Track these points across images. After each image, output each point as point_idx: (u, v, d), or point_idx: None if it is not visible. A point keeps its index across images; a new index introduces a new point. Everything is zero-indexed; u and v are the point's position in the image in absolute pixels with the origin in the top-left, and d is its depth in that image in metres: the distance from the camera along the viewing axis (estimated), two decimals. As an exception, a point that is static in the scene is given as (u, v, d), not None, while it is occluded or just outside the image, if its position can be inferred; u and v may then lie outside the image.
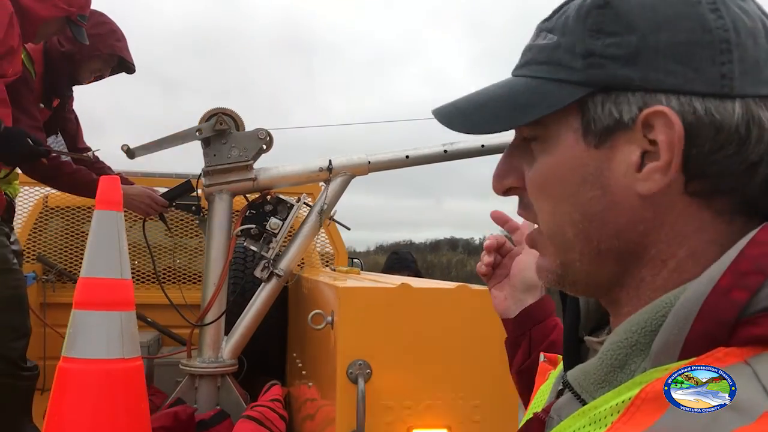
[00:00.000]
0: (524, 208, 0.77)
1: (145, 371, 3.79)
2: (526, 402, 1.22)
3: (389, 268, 5.30)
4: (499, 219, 1.31)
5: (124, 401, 1.96)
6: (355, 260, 5.90)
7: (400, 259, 5.43)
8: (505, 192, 0.77)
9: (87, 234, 2.44)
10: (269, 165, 3.13)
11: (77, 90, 3.46)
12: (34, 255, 4.25)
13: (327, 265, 4.84)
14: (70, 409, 1.92)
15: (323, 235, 4.88)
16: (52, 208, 4.36)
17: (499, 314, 1.28)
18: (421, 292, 1.91)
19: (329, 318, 1.91)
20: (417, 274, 5.14)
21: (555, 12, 0.73)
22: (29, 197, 4.41)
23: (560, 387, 0.79)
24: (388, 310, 1.86)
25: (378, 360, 1.84)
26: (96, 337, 1.95)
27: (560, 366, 0.91)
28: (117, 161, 3.42)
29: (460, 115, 0.74)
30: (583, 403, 0.69)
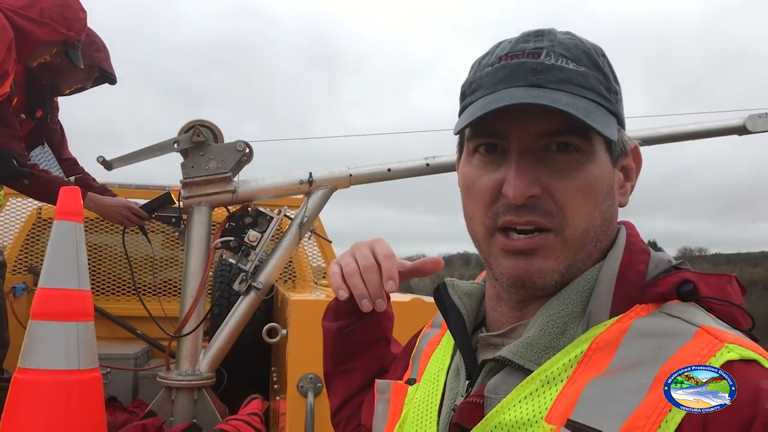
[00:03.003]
0: (541, 215, 0.84)
1: (130, 384, 3.83)
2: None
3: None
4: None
5: (79, 413, 1.94)
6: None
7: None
8: (526, 200, 0.83)
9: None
10: (250, 177, 3.12)
11: (97, 101, 3.52)
12: (25, 266, 4.27)
13: (324, 279, 4.81)
14: (25, 420, 1.91)
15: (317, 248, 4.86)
16: (46, 220, 4.39)
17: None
18: (374, 305, 1.89)
19: (284, 331, 1.89)
20: (410, 289, 5.09)
21: (553, 41, 0.86)
22: (22, 209, 4.44)
23: (467, 379, 0.91)
24: (341, 323, 1.83)
25: (330, 374, 1.81)
26: (52, 348, 1.94)
27: (441, 360, 1.01)
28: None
29: (586, 115, 0.81)
30: (528, 371, 0.82)
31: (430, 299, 2.01)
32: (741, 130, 3.35)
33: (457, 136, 0.95)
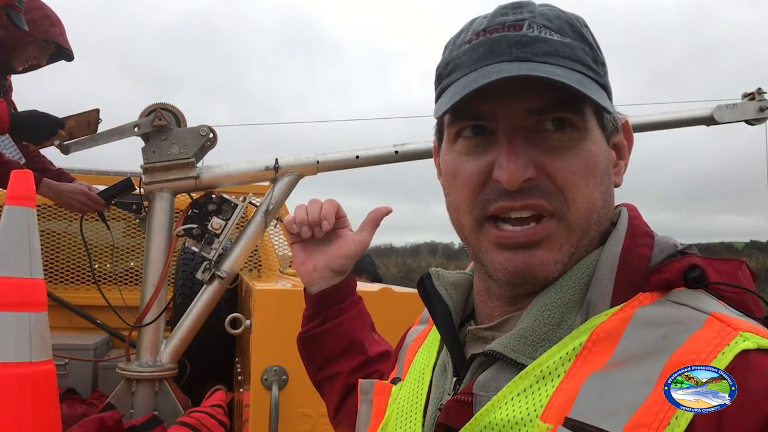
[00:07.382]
0: (540, 197, 0.77)
1: (90, 375, 3.73)
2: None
3: (347, 271, 5.19)
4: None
5: (31, 408, 1.86)
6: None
7: (358, 261, 5.31)
8: (521, 184, 0.77)
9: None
10: (215, 163, 3.04)
11: (67, 83, 3.36)
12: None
13: (290, 267, 4.73)
14: (-27, 415, 1.82)
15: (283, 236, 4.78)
16: None
17: (304, 283, 1.31)
18: (342, 294, 1.83)
19: (248, 322, 1.83)
20: (375, 277, 5.06)
21: (533, 12, 0.80)
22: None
23: (454, 375, 0.85)
24: (307, 313, 1.77)
25: (296, 366, 1.75)
26: (2, 340, 1.85)
27: (427, 357, 0.96)
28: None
29: (582, 86, 0.75)
30: (521, 366, 0.75)
31: (400, 289, 1.97)
32: (708, 121, 3.37)
33: (435, 122, 0.89)
